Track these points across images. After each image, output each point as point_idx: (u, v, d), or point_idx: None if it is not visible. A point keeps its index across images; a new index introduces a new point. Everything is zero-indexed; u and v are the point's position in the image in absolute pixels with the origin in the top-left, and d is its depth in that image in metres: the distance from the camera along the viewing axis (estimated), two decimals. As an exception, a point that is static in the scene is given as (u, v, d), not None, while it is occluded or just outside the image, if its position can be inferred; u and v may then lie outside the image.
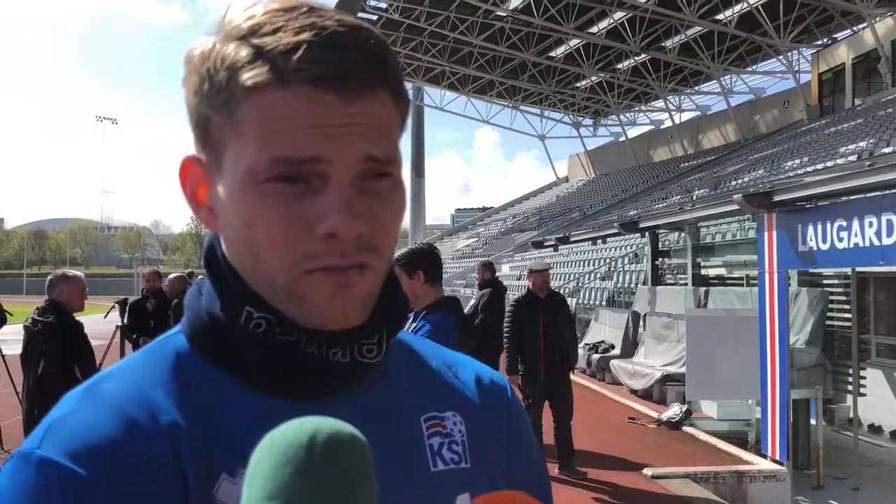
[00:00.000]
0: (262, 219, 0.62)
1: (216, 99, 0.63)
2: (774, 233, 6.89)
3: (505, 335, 6.90)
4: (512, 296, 7.68)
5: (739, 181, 25.34)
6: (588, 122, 57.30)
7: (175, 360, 0.68)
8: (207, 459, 0.62)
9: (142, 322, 7.85)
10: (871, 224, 5.75)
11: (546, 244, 24.45)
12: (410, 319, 3.66)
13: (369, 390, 0.70)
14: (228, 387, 0.66)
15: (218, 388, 0.66)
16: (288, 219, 0.61)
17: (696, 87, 45.52)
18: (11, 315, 7.06)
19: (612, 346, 13.89)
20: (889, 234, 5.61)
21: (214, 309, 0.68)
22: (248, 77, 0.61)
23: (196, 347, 0.68)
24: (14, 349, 6.88)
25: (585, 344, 14.43)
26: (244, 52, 0.61)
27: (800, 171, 20.81)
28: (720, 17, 35.03)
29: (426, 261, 3.77)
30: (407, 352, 0.78)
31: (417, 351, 0.79)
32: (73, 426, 0.60)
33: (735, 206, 8.93)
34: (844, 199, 7.31)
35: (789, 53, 35.29)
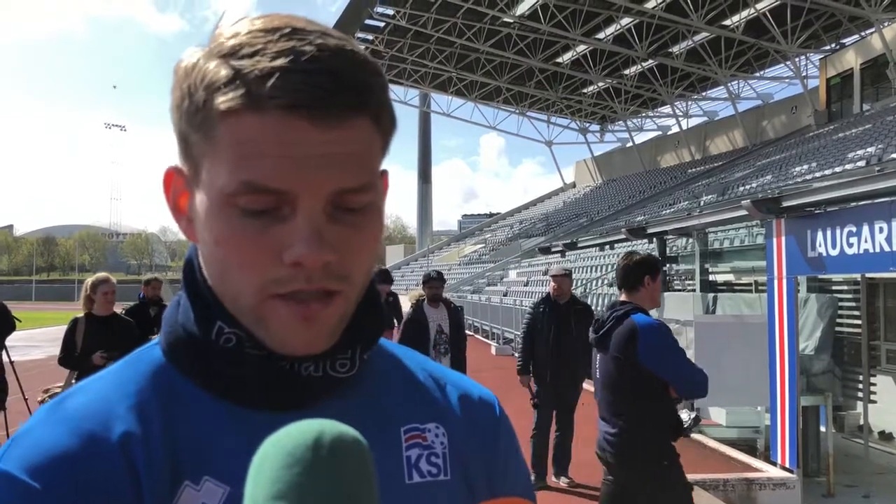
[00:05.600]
0: (231, 241, 0.62)
1: (194, 118, 0.63)
2: (783, 238, 6.86)
3: (521, 336, 6.96)
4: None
5: (747, 187, 25.29)
6: (595, 127, 57.34)
7: (148, 371, 0.69)
8: (169, 469, 0.63)
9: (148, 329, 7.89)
10: (881, 230, 5.71)
11: (553, 250, 24.43)
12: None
13: (343, 400, 0.70)
14: (200, 398, 0.67)
15: (188, 399, 0.67)
16: (256, 244, 0.62)
17: (704, 93, 45.49)
18: (21, 321, 7.06)
19: (620, 353, 13.83)
20: (899, 240, 5.57)
21: (188, 321, 0.69)
22: (222, 101, 0.61)
23: (170, 359, 0.69)
24: (24, 355, 6.88)
25: (593, 350, 14.35)
26: (223, 73, 0.61)
27: (808, 177, 20.75)
28: (727, 22, 35.01)
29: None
30: (392, 362, 0.78)
31: (403, 362, 0.79)
32: (32, 441, 0.62)
33: (743, 212, 8.89)
34: (854, 204, 7.27)
35: (797, 59, 35.29)
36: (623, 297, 3.97)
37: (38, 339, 23.59)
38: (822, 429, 7.82)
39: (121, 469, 0.61)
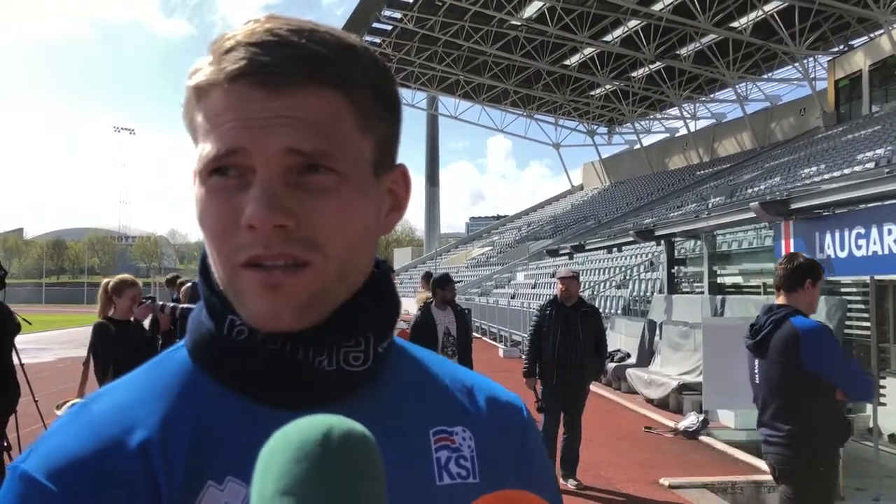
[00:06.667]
0: (206, 214, 0.65)
1: (186, 107, 0.67)
2: (791, 240, 6.85)
3: (527, 338, 6.96)
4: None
5: (756, 189, 25.22)
6: (603, 130, 57.24)
7: (173, 372, 0.70)
8: (190, 471, 0.63)
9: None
10: (889, 231, 5.70)
11: (561, 252, 24.41)
12: None
13: (365, 401, 0.69)
14: (223, 397, 0.67)
15: (212, 398, 0.67)
16: (223, 213, 0.63)
17: (712, 95, 45.38)
18: (30, 324, 7.08)
19: (628, 355, 13.81)
20: (908, 242, 5.55)
21: (207, 319, 0.70)
22: (192, 80, 0.65)
23: (195, 359, 0.70)
24: (34, 358, 6.89)
25: (601, 353, 14.34)
26: (203, 61, 0.65)
27: (816, 179, 20.68)
28: (735, 24, 34.93)
29: None
30: (416, 366, 0.78)
31: (428, 366, 0.79)
32: (54, 443, 0.63)
33: (752, 214, 8.89)
34: (862, 206, 7.24)
35: (805, 60, 35.15)
36: (780, 300, 3.92)
37: (48, 342, 23.70)
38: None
39: (139, 475, 0.62)
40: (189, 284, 8.45)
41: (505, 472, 0.75)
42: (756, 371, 3.97)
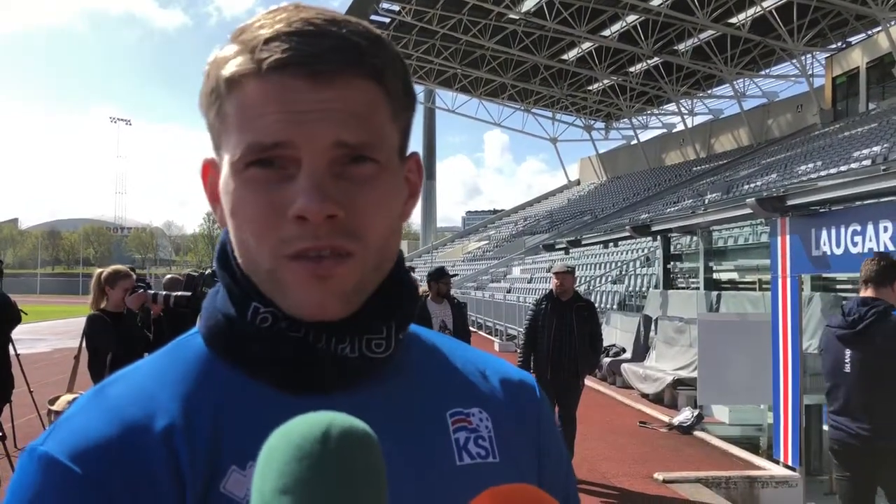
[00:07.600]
0: (243, 207, 0.64)
1: (210, 98, 0.66)
2: (787, 237, 6.85)
3: (523, 332, 6.97)
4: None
5: (752, 185, 25.26)
6: (600, 125, 57.26)
7: (189, 359, 0.69)
8: (212, 456, 0.63)
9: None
10: (885, 229, 5.71)
11: (557, 247, 24.45)
12: None
13: (384, 386, 0.70)
14: (241, 383, 0.67)
15: (229, 384, 0.67)
16: (265, 205, 0.63)
17: (709, 91, 45.40)
18: (27, 314, 7.06)
19: (624, 350, 13.85)
20: (904, 239, 5.57)
21: (226, 306, 0.70)
22: (225, 70, 0.64)
23: (211, 346, 0.70)
24: (29, 348, 6.88)
25: (596, 347, 14.37)
26: (231, 50, 0.65)
27: (813, 176, 20.73)
28: (733, 20, 34.93)
29: None
30: (430, 349, 0.78)
31: (441, 349, 0.79)
32: (74, 426, 0.63)
33: (748, 211, 8.90)
34: (859, 203, 7.26)
35: (803, 57, 35.18)
36: (869, 293, 4.06)
37: (43, 333, 23.67)
38: (825, 427, 7.81)
39: (162, 460, 0.62)
40: (179, 276, 8.43)
41: (524, 450, 0.75)
42: (847, 360, 4.07)
